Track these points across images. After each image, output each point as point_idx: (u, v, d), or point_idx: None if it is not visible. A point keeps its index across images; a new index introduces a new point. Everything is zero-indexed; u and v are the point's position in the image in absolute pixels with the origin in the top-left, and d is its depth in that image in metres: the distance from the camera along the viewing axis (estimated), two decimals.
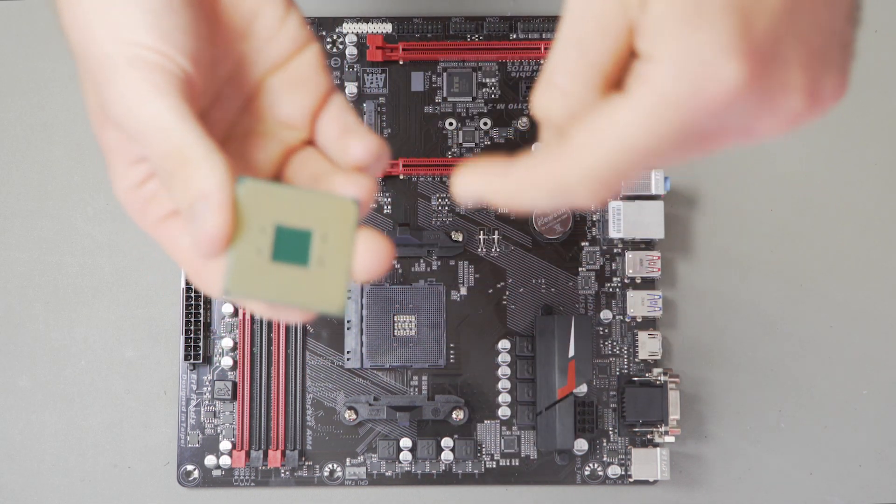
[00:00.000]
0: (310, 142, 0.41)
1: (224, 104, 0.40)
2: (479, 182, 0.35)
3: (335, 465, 0.61)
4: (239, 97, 0.40)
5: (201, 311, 0.61)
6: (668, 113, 0.31)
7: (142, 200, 0.38)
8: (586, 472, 0.61)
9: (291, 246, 0.37)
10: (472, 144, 0.63)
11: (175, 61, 0.36)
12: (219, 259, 0.37)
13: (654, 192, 0.60)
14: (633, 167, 0.33)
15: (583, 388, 0.61)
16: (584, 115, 0.33)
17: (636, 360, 0.62)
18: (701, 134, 0.32)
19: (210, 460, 0.61)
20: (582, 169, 0.33)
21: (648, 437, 0.61)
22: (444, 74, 0.64)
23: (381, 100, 0.63)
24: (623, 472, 0.61)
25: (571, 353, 0.58)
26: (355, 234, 0.37)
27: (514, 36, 0.64)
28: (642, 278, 0.62)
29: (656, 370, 0.61)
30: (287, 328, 0.61)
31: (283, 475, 0.61)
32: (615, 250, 0.63)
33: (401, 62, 0.64)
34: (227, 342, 0.61)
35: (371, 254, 0.37)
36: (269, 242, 0.36)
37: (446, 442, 0.61)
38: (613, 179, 0.33)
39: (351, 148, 0.39)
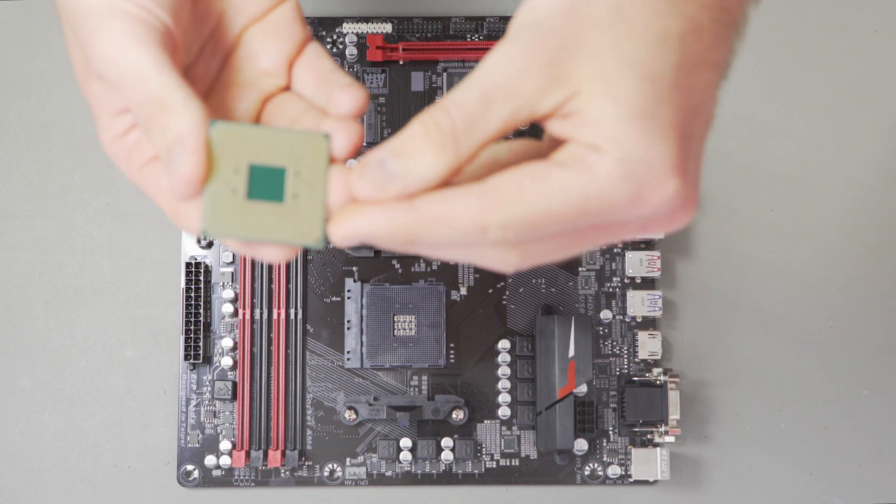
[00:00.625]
0: (286, 88, 0.42)
1: (205, 60, 0.42)
2: (373, 218, 0.36)
3: (335, 465, 0.61)
4: (219, 53, 0.42)
5: (201, 311, 0.61)
6: (601, 203, 0.33)
7: (126, 149, 0.40)
8: (586, 472, 0.61)
9: (266, 183, 0.38)
10: None
11: (154, 14, 0.38)
12: (196, 200, 0.38)
13: None
14: (547, 233, 0.34)
15: (583, 388, 0.61)
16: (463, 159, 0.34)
17: (636, 360, 0.62)
18: (610, 228, 0.35)
19: (210, 460, 0.61)
20: (506, 214, 0.34)
21: (648, 437, 0.61)
22: (444, 74, 0.64)
23: (381, 100, 0.63)
24: (623, 472, 0.61)
25: (571, 353, 0.58)
26: (328, 169, 0.38)
27: None
28: (642, 278, 0.62)
29: (656, 370, 0.61)
30: (287, 328, 0.61)
31: (283, 475, 0.61)
32: (615, 250, 0.63)
33: (401, 62, 0.64)
34: (227, 342, 0.61)
35: (345, 187, 0.37)
36: (243, 181, 0.37)
37: (446, 442, 0.61)
38: (529, 238, 0.34)
39: (337, 100, 0.40)
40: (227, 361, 0.61)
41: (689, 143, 0.34)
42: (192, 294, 0.61)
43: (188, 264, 0.61)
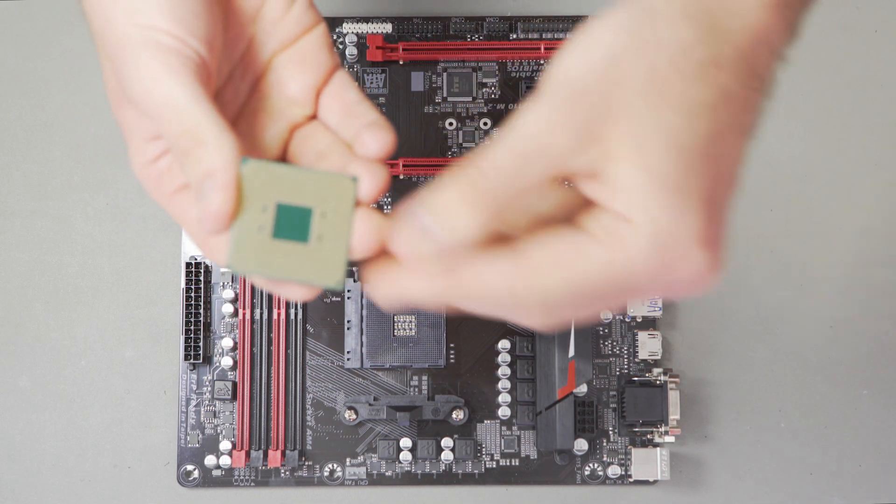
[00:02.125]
0: (313, 117, 0.42)
1: (235, 84, 0.42)
2: (412, 284, 0.37)
3: (335, 465, 0.61)
4: (249, 77, 0.42)
5: (201, 311, 0.61)
6: (630, 274, 0.34)
7: (156, 175, 0.40)
8: (586, 472, 0.61)
9: (292, 223, 0.38)
10: (472, 144, 0.63)
11: (189, 45, 0.38)
12: (224, 234, 0.38)
13: None
14: (582, 304, 0.35)
15: (583, 388, 0.61)
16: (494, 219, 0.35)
17: (636, 360, 0.62)
18: (636, 292, 0.36)
19: (210, 460, 0.61)
20: (540, 289, 0.35)
21: (648, 437, 0.61)
22: (444, 74, 0.64)
23: (381, 100, 0.63)
24: (623, 472, 0.61)
25: (571, 353, 0.58)
26: (354, 212, 0.38)
27: (514, 36, 0.64)
28: None
29: (656, 370, 0.61)
30: (287, 328, 0.62)
31: (283, 475, 0.61)
32: None
33: (401, 62, 0.64)
34: (227, 342, 0.61)
35: (370, 231, 0.38)
36: (270, 220, 0.38)
37: (446, 442, 0.61)
38: (565, 310, 0.36)
39: (365, 140, 0.40)
40: (227, 361, 0.61)
41: (717, 211, 0.35)
42: (192, 294, 0.61)
43: (188, 264, 0.61)
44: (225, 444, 0.61)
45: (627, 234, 0.34)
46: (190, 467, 0.61)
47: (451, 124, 0.63)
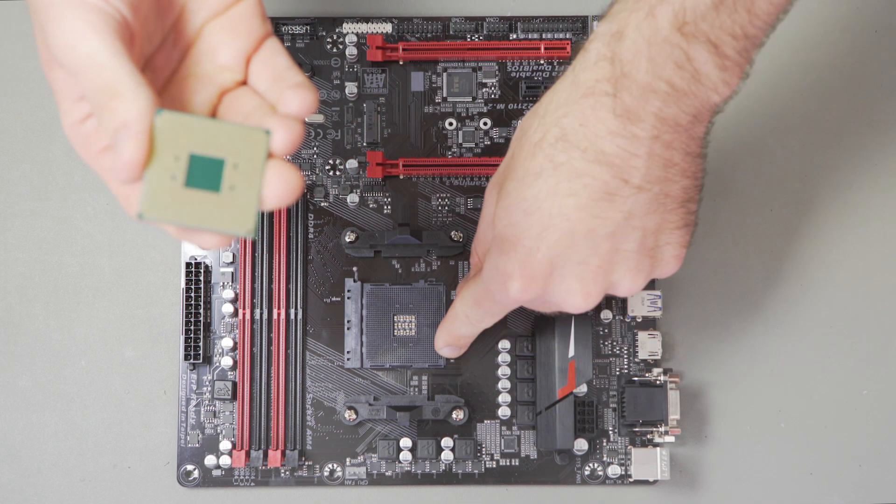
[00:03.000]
0: (243, 82, 0.44)
1: (167, 51, 0.43)
2: (440, 340, 0.59)
3: (335, 465, 0.61)
4: (181, 44, 0.44)
5: (201, 311, 0.61)
6: (482, 294, 0.52)
7: (84, 135, 0.42)
8: (586, 472, 0.61)
9: (204, 173, 0.39)
10: (472, 144, 0.63)
11: (112, 5, 0.39)
12: (137, 183, 0.40)
13: None
14: (468, 315, 0.55)
15: (583, 388, 0.61)
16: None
17: (636, 360, 0.62)
18: (504, 304, 0.51)
19: (210, 460, 0.61)
20: (453, 312, 0.57)
21: (648, 437, 0.61)
22: (444, 74, 0.64)
23: (381, 100, 0.63)
24: (623, 472, 0.61)
25: (571, 353, 0.58)
26: (266, 163, 0.40)
27: (514, 36, 0.64)
28: None
29: (656, 370, 0.61)
30: (287, 328, 0.61)
31: (283, 475, 0.61)
32: None
33: (401, 62, 0.64)
34: (227, 342, 0.61)
35: (280, 181, 0.40)
36: (183, 169, 0.39)
37: (446, 442, 0.61)
38: (460, 321, 0.56)
39: (286, 98, 0.42)
40: (227, 361, 0.61)
41: (530, 259, 0.47)
42: (192, 294, 0.61)
43: (188, 264, 0.61)
44: (225, 444, 0.61)
45: (483, 271, 0.51)
46: (190, 467, 0.61)
47: (451, 124, 0.63)
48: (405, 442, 0.61)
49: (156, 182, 0.39)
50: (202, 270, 0.61)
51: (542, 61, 0.64)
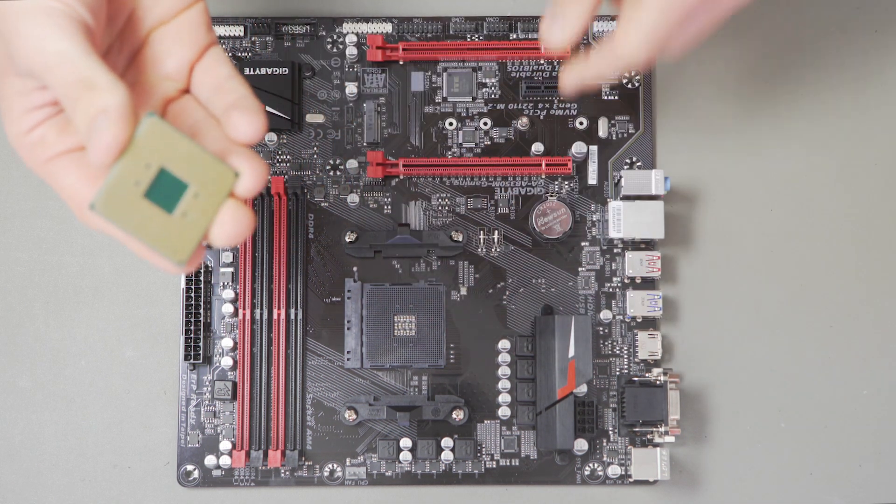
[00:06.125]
0: (187, 90, 0.44)
1: (113, 58, 0.44)
2: (587, 63, 0.48)
3: (335, 465, 0.61)
4: (126, 51, 0.44)
5: (201, 311, 0.61)
6: None
7: (31, 144, 0.43)
8: (586, 472, 0.61)
9: (166, 190, 0.40)
10: (472, 144, 0.63)
11: (76, 10, 0.40)
12: (101, 176, 0.40)
13: (654, 192, 0.60)
14: (672, 24, 0.45)
15: (583, 388, 0.61)
16: None
17: (636, 360, 0.62)
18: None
19: (210, 460, 0.61)
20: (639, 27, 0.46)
21: (648, 437, 0.61)
22: (444, 74, 0.64)
23: (381, 100, 0.63)
24: (623, 472, 0.61)
25: (571, 353, 0.58)
26: (223, 202, 0.40)
27: (514, 36, 0.64)
28: (642, 278, 0.62)
29: (656, 370, 0.61)
30: (287, 328, 0.61)
31: (283, 475, 0.61)
32: (615, 250, 0.63)
33: (401, 62, 0.64)
34: (227, 342, 0.61)
35: (232, 222, 0.41)
36: (148, 179, 0.40)
37: (446, 442, 0.61)
38: (662, 34, 0.45)
39: (235, 123, 0.42)
40: (227, 361, 0.61)
41: None
42: (192, 294, 0.61)
43: None
44: (225, 444, 0.61)
45: None
46: (190, 467, 0.61)
47: (451, 124, 0.63)
48: (405, 442, 0.61)
49: (119, 180, 0.39)
50: (202, 270, 0.61)
51: (542, 61, 0.64)
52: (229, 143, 0.42)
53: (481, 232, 0.63)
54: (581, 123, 0.63)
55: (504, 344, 0.62)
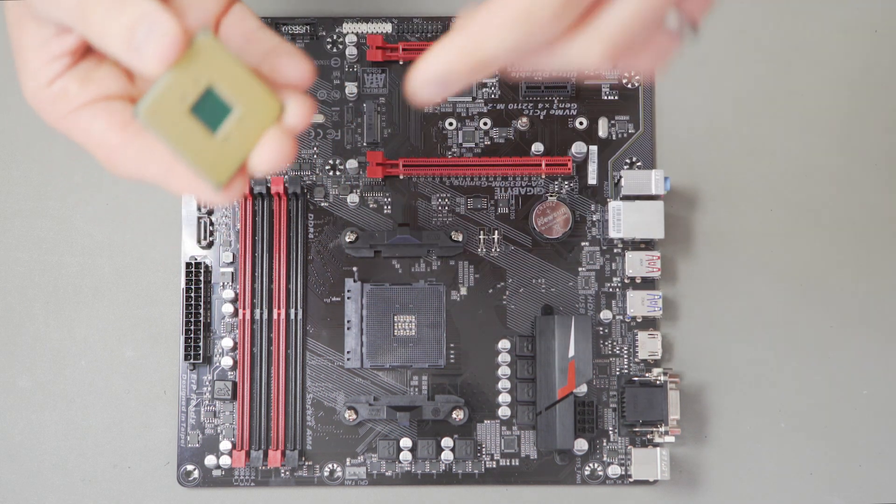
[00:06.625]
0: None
1: None
2: (439, 56, 0.38)
3: (335, 465, 0.61)
4: None
5: (201, 311, 0.61)
6: None
7: (52, 97, 0.42)
8: (586, 472, 0.61)
9: (211, 109, 0.39)
10: (472, 144, 0.63)
11: None
12: (137, 133, 0.40)
13: (654, 192, 0.60)
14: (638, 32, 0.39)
15: (583, 388, 0.61)
16: None
17: (636, 360, 0.62)
18: None
19: (210, 460, 0.61)
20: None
21: (648, 437, 0.61)
22: None
23: (381, 100, 0.63)
24: (623, 472, 0.61)
25: (571, 353, 0.58)
26: (266, 130, 0.40)
27: None
28: (642, 278, 0.62)
29: (656, 370, 0.61)
30: (287, 328, 0.61)
31: (283, 475, 0.61)
32: (615, 250, 0.63)
33: (401, 62, 0.64)
34: (227, 342, 0.61)
35: (275, 149, 0.40)
36: (195, 95, 0.39)
37: (446, 442, 0.61)
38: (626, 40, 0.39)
39: (284, 67, 0.41)
40: (227, 361, 0.61)
41: None
42: (192, 294, 0.61)
43: (188, 264, 0.61)
44: (225, 444, 0.61)
45: None
46: (190, 467, 0.61)
47: (451, 124, 0.63)
48: (405, 442, 0.61)
49: (167, 90, 0.38)
50: (202, 270, 0.61)
51: None
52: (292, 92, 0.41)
53: (481, 232, 0.63)
54: (581, 123, 0.63)
55: (504, 344, 0.62)
